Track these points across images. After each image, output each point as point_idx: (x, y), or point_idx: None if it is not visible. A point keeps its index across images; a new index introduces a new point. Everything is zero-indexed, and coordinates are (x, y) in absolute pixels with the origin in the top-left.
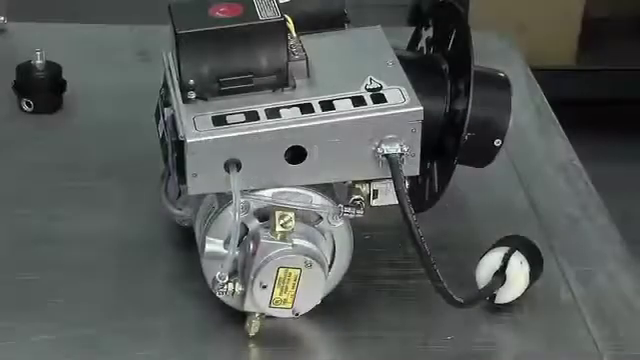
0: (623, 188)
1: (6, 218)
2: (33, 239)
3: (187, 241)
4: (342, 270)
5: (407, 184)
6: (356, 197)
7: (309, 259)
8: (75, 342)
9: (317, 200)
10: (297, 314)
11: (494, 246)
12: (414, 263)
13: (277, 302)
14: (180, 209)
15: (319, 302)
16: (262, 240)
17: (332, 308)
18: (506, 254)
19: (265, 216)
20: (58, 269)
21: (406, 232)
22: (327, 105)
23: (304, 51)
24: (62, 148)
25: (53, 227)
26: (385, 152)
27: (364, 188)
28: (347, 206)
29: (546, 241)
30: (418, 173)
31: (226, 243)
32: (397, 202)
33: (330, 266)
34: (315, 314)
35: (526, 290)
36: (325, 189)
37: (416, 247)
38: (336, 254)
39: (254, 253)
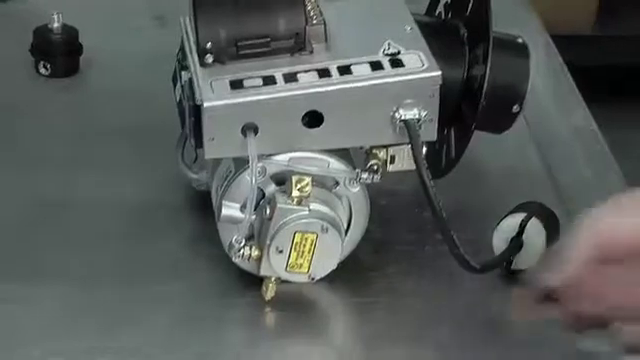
0: None
1: (22, 182)
2: (49, 204)
3: (204, 205)
4: (358, 236)
5: (424, 150)
6: (373, 162)
7: (325, 224)
8: (90, 308)
9: (334, 165)
10: (313, 279)
11: (511, 212)
12: (431, 229)
13: (293, 267)
14: (197, 173)
15: (335, 267)
16: (278, 205)
17: (348, 273)
18: (523, 220)
19: (282, 181)
20: (74, 234)
21: (423, 198)
22: (345, 70)
23: (322, 15)
24: (79, 112)
25: (69, 192)
26: (403, 117)
27: (381, 153)
28: (364, 171)
29: (563, 207)
30: (435, 138)
31: (242, 207)
32: (414, 168)
33: (346, 231)
34: (331, 279)
35: None
36: (342, 154)
37: (433, 213)
38: (353, 219)
39: (270, 217)
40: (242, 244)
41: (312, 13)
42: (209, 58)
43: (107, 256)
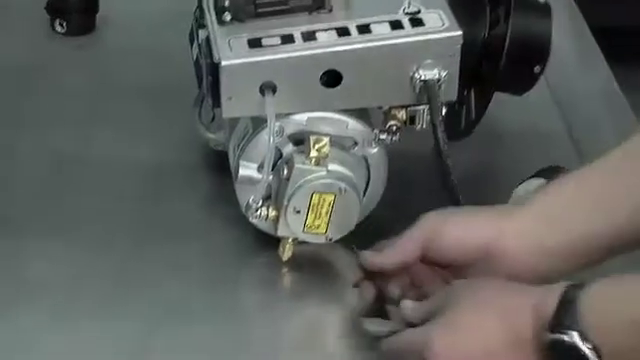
0: None
1: (39, 141)
2: (66, 163)
3: (221, 165)
4: (376, 197)
5: (444, 110)
6: (392, 123)
7: (343, 185)
8: (105, 271)
9: (352, 125)
10: (330, 240)
11: (531, 177)
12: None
13: (310, 227)
14: (214, 133)
15: (352, 228)
16: (296, 165)
17: (366, 235)
18: (541, 186)
19: (300, 141)
20: (90, 194)
21: (437, 156)
22: (364, 29)
23: None
24: (95, 71)
25: (86, 151)
26: (423, 77)
27: (400, 114)
28: (383, 132)
29: None
30: (455, 99)
31: (260, 167)
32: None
33: (364, 193)
34: (348, 240)
35: None
36: (361, 114)
37: (443, 178)
38: (371, 181)
39: (288, 178)
40: (259, 204)
41: None
42: (227, 16)
43: (122, 216)
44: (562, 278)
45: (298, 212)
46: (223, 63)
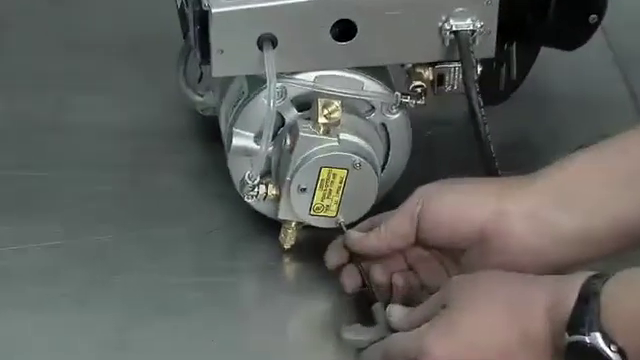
0: None
1: (10, 104)
2: (40, 128)
3: (210, 134)
4: (397, 172)
5: (479, 69)
6: (417, 83)
7: (358, 158)
8: (85, 251)
9: (369, 86)
10: (342, 224)
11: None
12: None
13: (318, 209)
14: (202, 95)
15: (368, 210)
16: (301, 133)
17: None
18: None
19: (305, 105)
20: (67, 164)
21: (471, 123)
22: None
23: None
24: (72, 25)
25: (62, 115)
26: (453, 28)
27: (427, 73)
28: (405, 94)
29: None
30: (493, 55)
31: (257, 137)
32: (464, 90)
33: (383, 167)
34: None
35: None
36: (379, 73)
37: (480, 147)
38: (391, 153)
39: (291, 149)
40: (257, 181)
41: None
42: None
43: (101, 195)
44: (576, 268)
45: (303, 190)
46: (214, 10)
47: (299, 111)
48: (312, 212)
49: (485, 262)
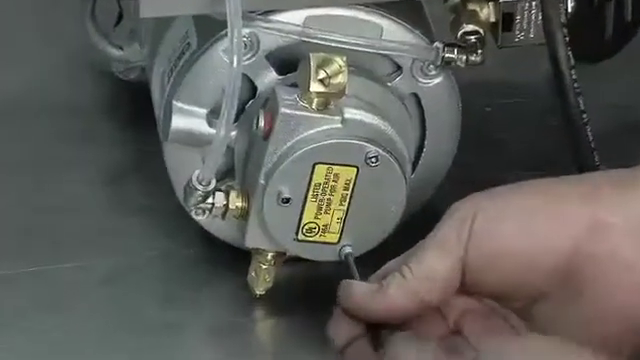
0: None
1: None
2: None
3: (136, 110)
4: (438, 173)
5: (570, 4)
6: (469, 29)
7: (374, 149)
8: None
9: (393, 32)
10: (347, 256)
11: None
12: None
13: (311, 231)
14: (121, 47)
15: (390, 232)
16: (283, 109)
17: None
18: None
19: (289, 64)
20: None
21: (555, 93)
22: None
23: None
24: None
25: None
26: None
27: (485, 11)
28: (451, 45)
29: None
30: None
31: (212, 115)
32: (544, 40)
33: (415, 164)
34: (377, 258)
35: None
36: (409, 13)
37: (568, 128)
38: (427, 141)
39: (267, 135)
40: (211, 186)
41: None
42: None
43: None
44: None
45: (286, 201)
46: None
47: (280, 74)
48: (301, 236)
49: (575, 313)
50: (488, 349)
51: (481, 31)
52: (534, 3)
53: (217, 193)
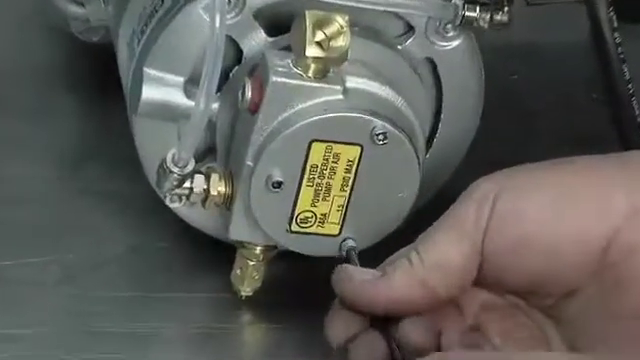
0: None
1: None
2: None
3: (98, 76)
4: (459, 149)
5: None
6: None
7: (380, 124)
8: None
9: None
10: (350, 251)
11: None
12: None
13: (306, 220)
14: (82, 4)
15: (400, 222)
16: (274, 78)
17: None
18: None
19: (281, 24)
20: None
21: (595, 59)
22: None
23: None
24: None
25: None
26: None
27: None
28: (472, 2)
29: None
30: None
31: (190, 83)
32: None
33: (430, 141)
34: (383, 250)
35: None
36: None
37: (611, 97)
38: (444, 111)
39: (255, 106)
40: (188, 168)
41: None
42: None
43: None
44: None
45: (277, 185)
46: None
47: (270, 36)
48: (295, 227)
49: (610, 311)
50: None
51: None
52: None
53: (196, 176)
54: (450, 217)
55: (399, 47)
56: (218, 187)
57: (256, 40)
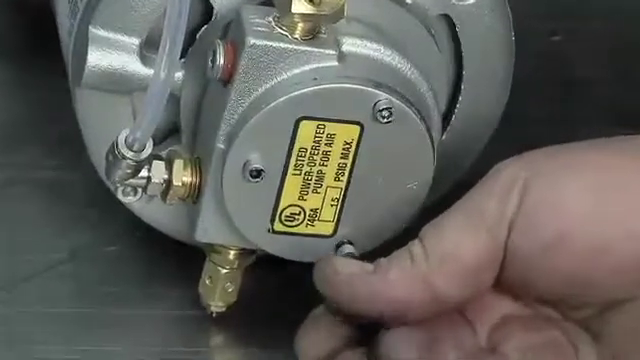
0: None
1: None
2: None
3: (34, 40)
4: (483, 129)
5: None
6: None
7: (384, 97)
8: None
9: None
10: (347, 256)
11: None
12: None
13: (293, 217)
14: None
15: (410, 220)
16: (251, 39)
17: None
18: None
19: None
20: None
21: None
22: None
23: None
24: None
25: None
26: None
27: None
28: None
29: None
30: None
31: (147, 47)
32: None
33: (447, 119)
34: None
35: None
36: None
37: None
38: (465, 82)
39: (228, 76)
40: (145, 152)
41: None
42: None
43: None
44: None
45: (256, 174)
46: None
47: None
48: (278, 225)
49: None
50: None
51: None
52: None
53: (155, 163)
54: (466, 204)
55: (408, 1)
56: (182, 176)
57: None
